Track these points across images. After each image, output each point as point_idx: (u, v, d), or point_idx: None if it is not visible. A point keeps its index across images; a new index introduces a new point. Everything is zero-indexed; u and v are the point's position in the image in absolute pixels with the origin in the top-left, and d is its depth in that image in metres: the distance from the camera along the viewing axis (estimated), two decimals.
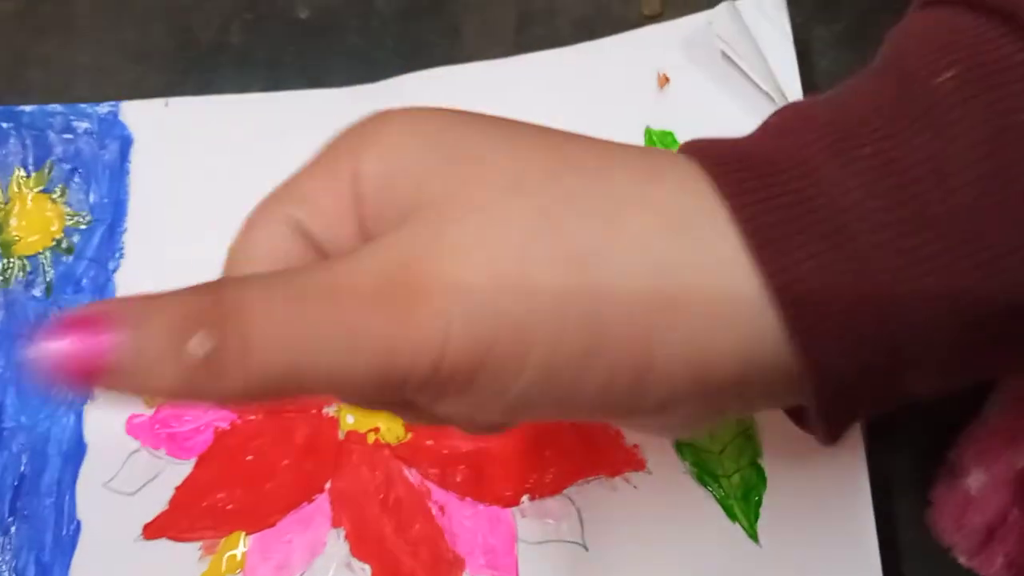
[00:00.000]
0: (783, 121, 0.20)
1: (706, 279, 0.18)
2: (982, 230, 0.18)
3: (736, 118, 0.32)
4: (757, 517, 0.29)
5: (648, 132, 0.33)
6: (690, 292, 0.18)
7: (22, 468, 0.33)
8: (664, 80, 0.33)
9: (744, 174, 0.18)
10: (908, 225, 0.18)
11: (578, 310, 0.17)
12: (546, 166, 0.19)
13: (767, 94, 0.31)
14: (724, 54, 0.32)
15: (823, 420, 0.19)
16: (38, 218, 0.36)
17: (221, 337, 0.17)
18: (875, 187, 0.18)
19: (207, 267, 0.34)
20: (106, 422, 0.33)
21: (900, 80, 0.19)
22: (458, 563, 0.30)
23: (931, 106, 0.18)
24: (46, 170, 0.37)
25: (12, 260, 0.36)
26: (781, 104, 0.31)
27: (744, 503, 0.29)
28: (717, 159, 0.19)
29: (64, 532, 0.33)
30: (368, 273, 0.18)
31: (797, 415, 0.22)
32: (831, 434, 0.20)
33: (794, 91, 0.31)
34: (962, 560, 0.29)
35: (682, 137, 0.32)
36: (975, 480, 0.28)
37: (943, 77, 0.18)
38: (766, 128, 0.20)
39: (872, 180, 0.18)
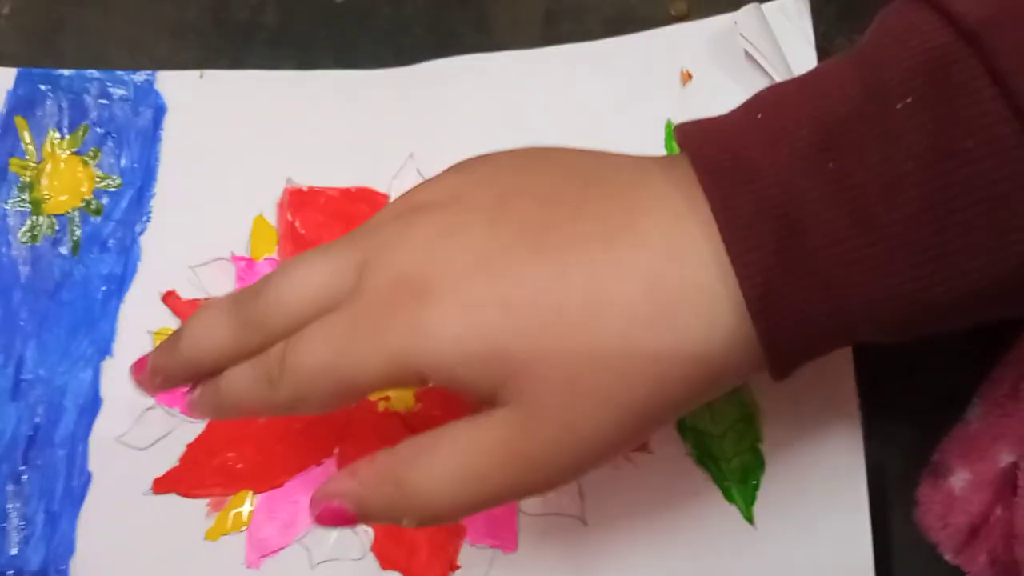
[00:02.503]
0: (769, 116, 0.23)
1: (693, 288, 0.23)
2: (922, 239, 0.21)
3: None
4: (754, 500, 0.30)
5: (668, 125, 0.34)
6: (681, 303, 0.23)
7: (37, 419, 0.34)
8: (687, 77, 0.34)
9: (728, 180, 0.22)
10: (857, 229, 0.21)
11: None
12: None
13: None
14: (747, 53, 0.33)
15: (776, 375, 0.24)
16: (69, 179, 0.37)
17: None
18: (834, 199, 0.21)
19: (229, 235, 0.35)
20: (122, 378, 0.34)
21: (869, 95, 0.22)
22: (459, 531, 0.31)
23: (888, 128, 0.21)
24: (80, 133, 0.38)
25: (41, 218, 0.37)
26: None
27: (742, 486, 0.30)
28: (707, 162, 0.23)
29: (74, 483, 0.33)
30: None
31: None
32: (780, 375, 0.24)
33: None
34: (947, 557, 0.29)
35: None
36: (959, 480, 0.29)
37: (903, 103, 0.21)
38: (754, 120, 0.23)
39: (832, 193, 0.21)
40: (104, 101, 0.38)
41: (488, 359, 0.22)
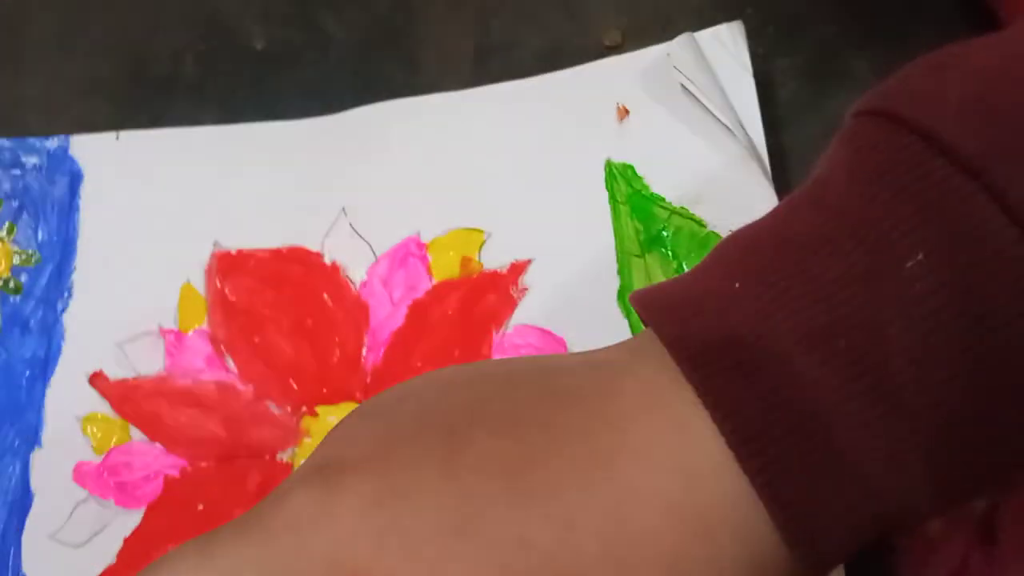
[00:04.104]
0: (751, 283, 0.19)
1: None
2: (968, 419, 0.18)
3: (695, 150, 0.31)
4: None
5: (608, 164, 0.32)
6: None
7: None
8: (624, 112, 0.33)
9: (724, 376, 0.18)
10: (891, 420, 0.18)
11: None
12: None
13: (726, 127, 0.31)
14: (683, 87, 0.31)
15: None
16: None
17: None
18: (853, 387, 0.18)
19: (156, 306, 0.33)
20: (53, 470, 0.32)
21: (867, 251, 0.18)
22: None
23: (902, 293, 0.18)
24: None
25: None
26: (741, 137, 0.31)
27: None
28: (692, 354, 0.19)
29: None
30: None
31: None
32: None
33: (754, 124, 0.31)
34: None
35: (642, 170, 0.32)
36: (936, 525, 0.28)
37: (913, 260, 0.18)
38: (732, 290, 0.19)
39: (849, 379, 0.18)
40: (16, 171, 0.36)
41: None
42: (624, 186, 0.32)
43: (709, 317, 0.19)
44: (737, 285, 0.19)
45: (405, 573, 0.17)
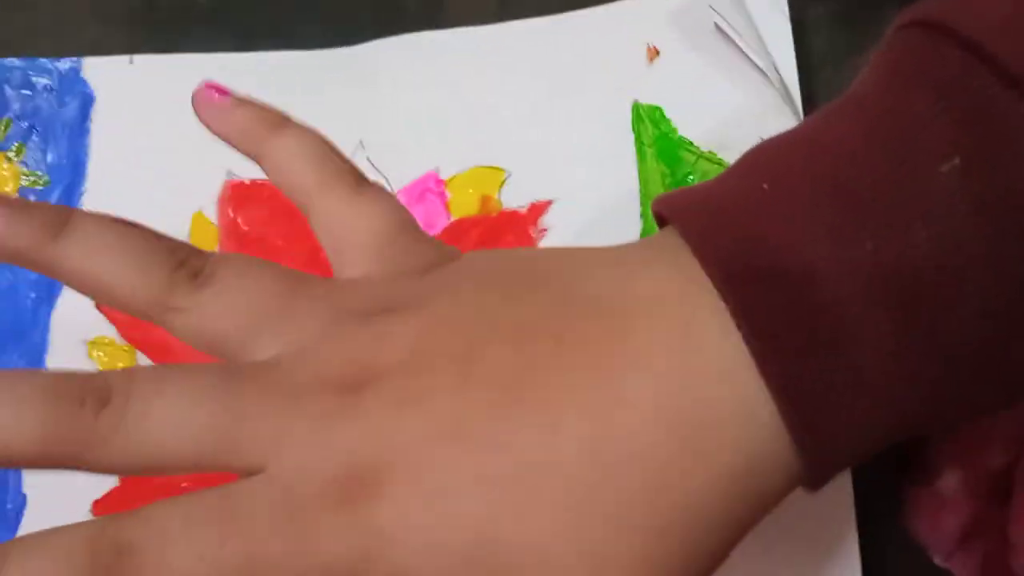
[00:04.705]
0: (780, 186, 0.19)
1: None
2: (978, 337, 0.18)
3: (726, 94, 0.31)
4: None
5: (636, 107, 0.32)
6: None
7: None
8: (654, 53, 0.32)
9: (752, 276, 0.18)
10: (909, 330, 0.18)
11: None
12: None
13: (761, 71, 0.30)
14: (717, 27, 0.31)
15: (813, 488, 0.20)
16: None
17: None
18: (876, 292, 0.17)
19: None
20: None
21: (901, 156, 0.18)
22: None
23: (934, 200, 0.18)
24: (2, 127, 0.35)
25: None
26: (775, 81, 0.30)
27: None
28: (718, 253, 0.18)
29: (9, 506, 0.31)
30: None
31: None
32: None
33: (789, 69, 0.30)
34: (937, 560, 0.28)
35: (671, 113, 0.31)
36: (949, 481, 0.27)
37: (946, 166, 0.18)
38: (760, 191, 0.19)
39: (875, 286, 0.18)
40: (27, 92, 0.35)
41: (472, 556, 0.17)
42: (651, 128, 0.31)
43: (736, 219, 0.19)
44: (765, 187, 0.19)
45: (398, 475, 0.17)
